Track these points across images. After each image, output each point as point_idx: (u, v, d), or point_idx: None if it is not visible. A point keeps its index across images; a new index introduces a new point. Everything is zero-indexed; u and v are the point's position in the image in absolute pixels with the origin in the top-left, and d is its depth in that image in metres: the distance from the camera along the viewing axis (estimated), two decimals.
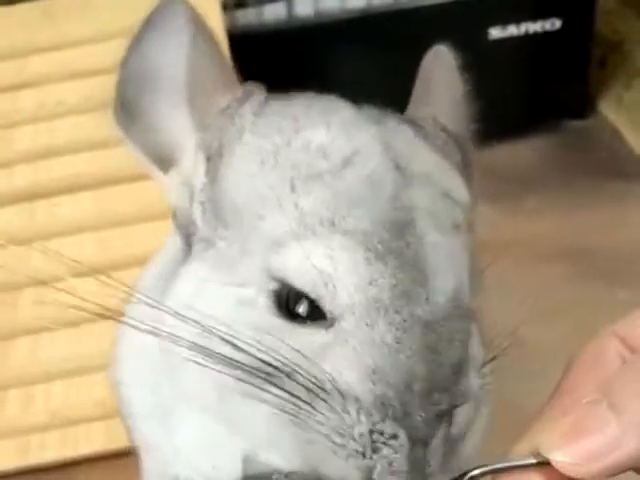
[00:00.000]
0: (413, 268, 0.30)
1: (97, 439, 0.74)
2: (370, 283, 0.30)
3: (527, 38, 1.13)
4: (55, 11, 0.92)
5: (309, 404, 0.29)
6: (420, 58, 0.45)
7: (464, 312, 0.31)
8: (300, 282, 0.30)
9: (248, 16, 1.10)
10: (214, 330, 0.31)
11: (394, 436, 0.29)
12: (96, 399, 0.75)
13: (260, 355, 0.30)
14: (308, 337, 0.30)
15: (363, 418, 0.29)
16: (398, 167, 0.32)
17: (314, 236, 0.30)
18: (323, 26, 1.07)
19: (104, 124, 0.97)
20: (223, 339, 0.31)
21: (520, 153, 1.17)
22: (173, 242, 0.37)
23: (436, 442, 0.29)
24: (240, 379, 0.30)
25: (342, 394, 0.29)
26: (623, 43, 1.42)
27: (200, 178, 0.34)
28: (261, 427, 0.31)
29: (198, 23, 0.35)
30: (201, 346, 0.31)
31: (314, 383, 0.29)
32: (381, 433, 0.29)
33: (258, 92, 0.35)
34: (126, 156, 0.98)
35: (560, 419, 0.27)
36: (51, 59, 0.90)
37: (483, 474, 0.29)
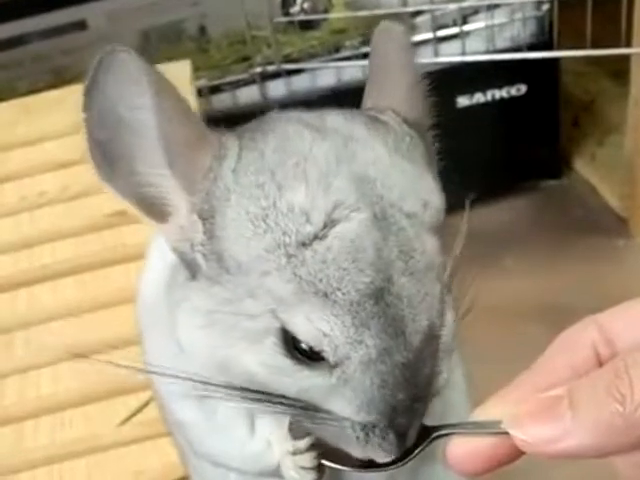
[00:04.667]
0: (393, 324, 0.36)
1: None
2: (359, 343, 0.36)
3: (495, 104, 1.17)
4: (33, 107, 0.96)
5: (321, 421, 0.37)
6: None
7: (436, 334, 0.38)
8: (305, 338, 0.36)
9: (223, 100, 1.14)
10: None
11: (384, 435, 0.37)
12: None
13: (275, 392, 0.38)
14: (316, 379, 0.37)
15: (360, 432, 0.37)
16: (374, 213, 0.36)
17: (312, 304, 0.36)
18: (296, 105, 1.11)
19: (82, 211, 0.99)
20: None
21: (497, 215, 1.19)
22: (166, 252, 0.41)
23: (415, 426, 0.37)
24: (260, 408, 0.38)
25: (344, 419, 0.37)
26: (594, 102, 1.47)
27: (199, 235, 0.38)
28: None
29: (156, 73, 0.37)
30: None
31: (324, 413, 0.37)
32: (374, 434, 0.37)
33: (231, 142, 0.38)
34: (104, 242, 1.00)
35: (527, 401, 0.32)
36: (31, 152, 0.93)
37: (449, 434, 0.35)
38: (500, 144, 1.21)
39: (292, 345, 0.37)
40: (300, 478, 0.43)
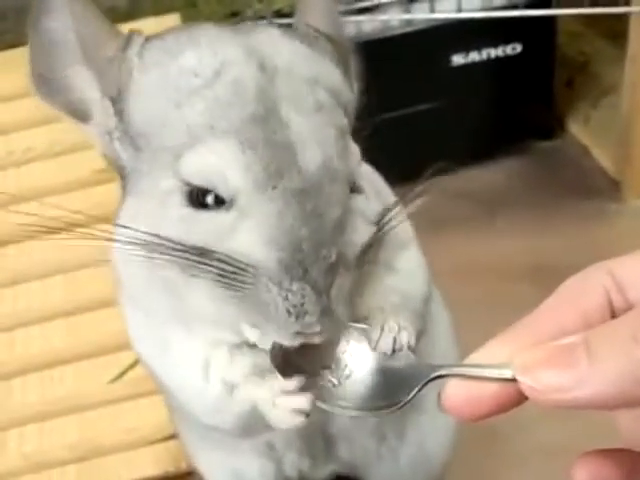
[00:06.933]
0: (281, 149, 0.37)
1: None
2: (248, 168, 0.37)
3: (490, 63, 1.15)
4: (17, 60, 0.93)
5: (233, 277, 0.36)
6: (385, 87, 0.46)
7: (337, 175, 0.38)
8: (198, 180, 0.37)
9: None
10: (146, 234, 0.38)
11: (301, 292, 0.36)
12: (69, 442, 0.75)
13: (180, 240, 0.37)
14: (215, 219, 0.37)
15: (274, 286, 0.36)
16: (262, 67, 0.39)
17: (200, 141, 0.37)
18: None
19: (70, 167, 0.98)
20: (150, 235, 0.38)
21: (490, 176, 1.18)
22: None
23: (336, 291, 0.36)
24: (174, 262, 0.38)
25: (253, 267, 0.36)
26: (589, 64, 1.45)
27: (111, 119, 0.41)
28: (209, 309, 0.39)
29: None
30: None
31: (231, 259, 0.36)
32: (290, 291, 0.36)
33: (138, 36, 0.42)
34: (93, 197, 0.98)
35: (536, 346, 0.30)
36: (17, 107, 0.91)
37: (448, 376, 0.32)
38: (494, 104, 1.20)
39: (197, 200, 0.38)
40: (290, 421, 0.40)
